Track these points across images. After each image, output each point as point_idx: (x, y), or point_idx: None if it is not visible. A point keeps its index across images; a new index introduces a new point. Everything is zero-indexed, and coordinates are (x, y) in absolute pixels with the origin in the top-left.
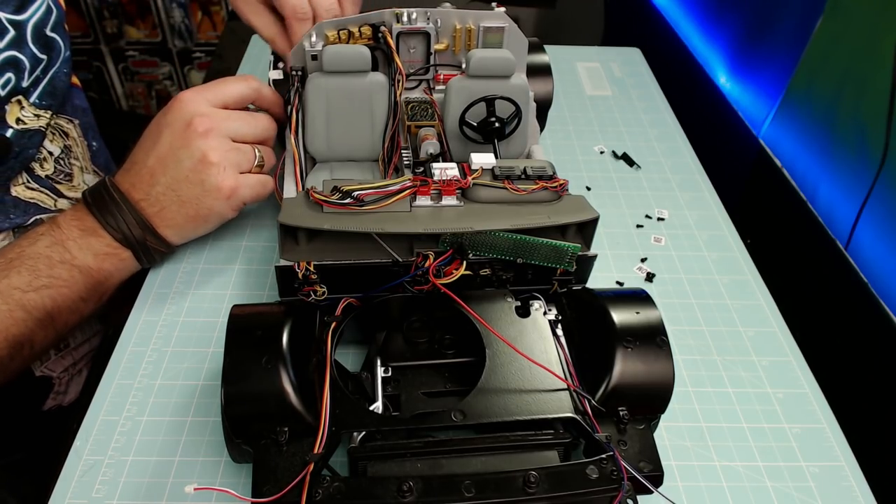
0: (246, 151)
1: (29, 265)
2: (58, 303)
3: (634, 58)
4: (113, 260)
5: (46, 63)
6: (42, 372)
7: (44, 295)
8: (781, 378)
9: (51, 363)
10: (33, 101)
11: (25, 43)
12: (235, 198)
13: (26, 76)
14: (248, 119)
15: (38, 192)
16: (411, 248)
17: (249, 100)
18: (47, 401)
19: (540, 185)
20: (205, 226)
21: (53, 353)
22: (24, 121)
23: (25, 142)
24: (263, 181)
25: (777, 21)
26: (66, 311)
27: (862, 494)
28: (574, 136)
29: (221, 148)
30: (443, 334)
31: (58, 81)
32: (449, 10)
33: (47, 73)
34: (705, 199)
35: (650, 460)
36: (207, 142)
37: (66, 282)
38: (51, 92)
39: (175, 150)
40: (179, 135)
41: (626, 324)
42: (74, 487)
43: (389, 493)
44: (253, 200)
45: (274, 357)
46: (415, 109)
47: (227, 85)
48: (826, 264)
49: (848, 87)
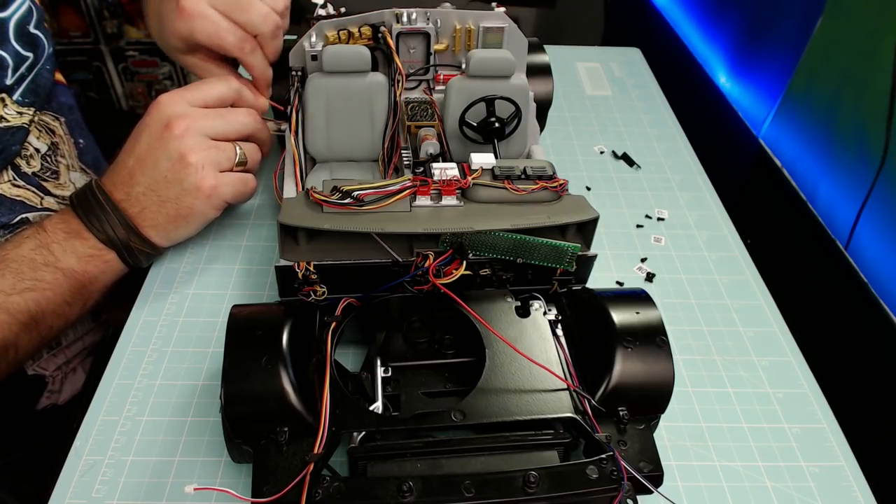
0: (225, 149)
1: (13, 268)
2: (42, 306)
3: (634, 58)
4: (97, 262)
5: (32, 60)
6: (34, 371)
7: (28, 298)
8: (781, 378)
9: (43, 362)
10: (16, 98)
11: (7, 40)
12: (216, 197)
13: (9, 74)
14: (226, 116)
15: (24, 189)
16: (411, 248)
17: (230, 101)
18: (41, 400)
19: (540, 185)
20: (187, 226)
21: (45, 351)
22: (7, 118)
23: (8, 139)
24: (244, 179)
25: (777, 21)
26: (51, 314)
27: (862, 494)
28: (574, 136)
29: (199, 147)
30: (443, 334)
31: (41, 79)
32: (449, 11)
33: (32, 70)
34: (705, 199)
35: (650, 460)
36: (185, 141)
37: (50, 284)
38: (34, 89)
39: (153, 150)
40: (157, 136)
41: (626, 324)
42: (74, 487)
43: (389, 494)
44: (234, 199)
45: (274, 357)
46: (415, 109)
47: (207, 86)
48: (826, 264)
49: (848, 87)
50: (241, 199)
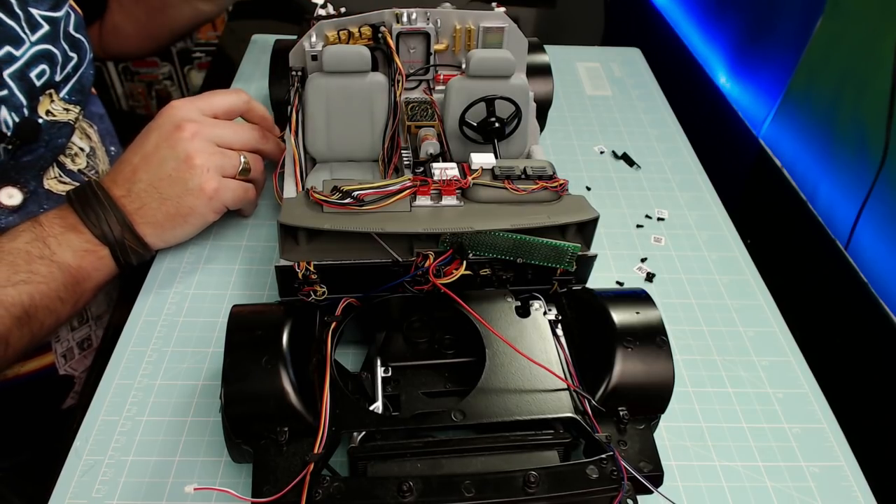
0: (231, 157)
1: (8, 260)
2: (35, 300)
3: (634, 58)
4: (91, 258)
5: (77, 61)
6: (65, 371)
7: (21, 291)
8: (781, 378)
9: (74, 362)
10: (63, 95)
11: (59, 39)
12: (217, 199)
13: (59, 70)
14: (235, 128)
15: (70, 185)
16: (411, 248)
17: (239, 111)
18: (66, 399)
19: (540, 185)
20: (184, 227)
21: (77, 351)
22: (54, 113)
23: (55, 132)
24: (246, 187)
25: (777, 21)
26: (43, 309)
27: (862, 494)
28: (574, 136)
29: (206, 151)
30: (443, 334)
31: (85, 80)
32: (449, 11)
33: (77, 70)
34: (705, 199)
35: (650, 460)
36: (193, 144)
37: (44, 278)
38: (79, 89)
39: (160, 149)
40: (166, 136)
41: (626, 324)
42: (74, 487)
43: (389, 493)
44: (234, 204)
45: (274, 357)
46: (415, 109)
47: (217, 96)
48: (826, 264)
49: (848, 87)
50: (241, 207)
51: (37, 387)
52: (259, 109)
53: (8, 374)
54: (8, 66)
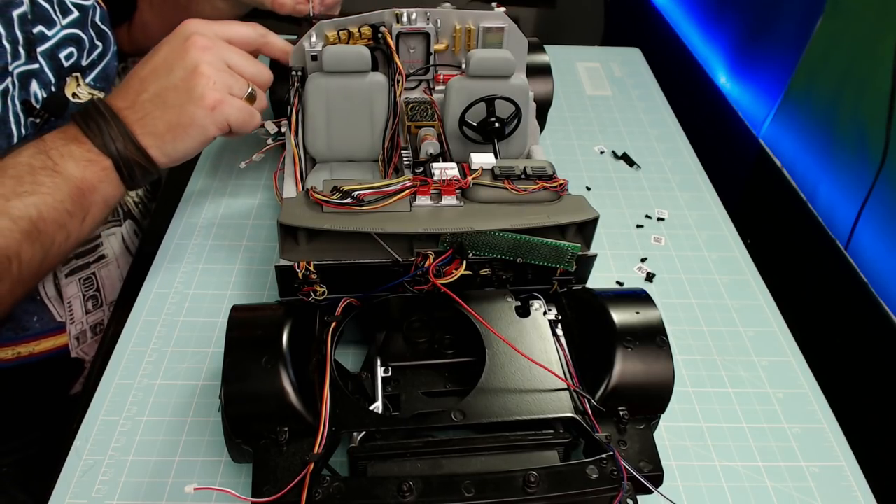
0: (239, 80)
1: (11, 174)
2: (42, 212)
3: (634, 58)
4: (95, 168)
5: (102, 50)
6: (77, 354)
7: (28, 203)
8: (781, 378)
9: (86, 346)
10: (88, 81)
11: (87, 26)
12: (219, 111)
13: (85, 56)
14: (247, 56)
15: None
16: (411, 248)
17: (255, 45)
18: (75, 385)
19: (540, 185)
20: (185, 139)
21: (90, 335)
22: (80, 96)
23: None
24: (251, 111)
25: (777, 21)
26: (52, 223)
27: (862, 494)
28: (574, 136)
29: (215, 66)
30: (443, 334)
31: (110, 70)
32: (449, 11)
33: (102, 59)
34: (705, 199)
35: (650, 460)
36: (203, 56)
37: (49, 189)
38: (104, 77)
39: (169, 60)
40: (177, 48)
41: (626, 324)
42: (74, 487)
43: (389, 493)
44: (237, 125)
45: (274, 357)
46: (415, 109)
47: (235, 25)
48: (826, 264)
49: (848, 87)
50: (243, 130)
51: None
52: (278, 43)
53: (22, 353)
54: (41, 45)
